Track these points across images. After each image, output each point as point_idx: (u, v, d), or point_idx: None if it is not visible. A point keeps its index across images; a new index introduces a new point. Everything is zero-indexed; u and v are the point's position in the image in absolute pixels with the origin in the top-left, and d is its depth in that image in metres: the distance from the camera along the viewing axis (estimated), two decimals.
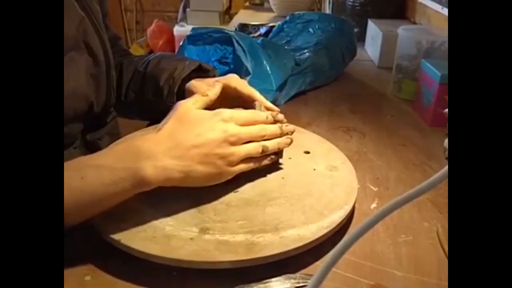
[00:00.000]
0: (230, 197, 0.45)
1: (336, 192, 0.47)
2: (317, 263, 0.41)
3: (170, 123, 0.43)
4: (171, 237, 0.39)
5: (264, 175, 0.49)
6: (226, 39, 0.78)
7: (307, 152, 0.55)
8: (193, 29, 0.81)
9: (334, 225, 0.42)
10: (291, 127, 0.50)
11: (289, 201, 0.45)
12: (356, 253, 0.42)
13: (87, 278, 0.38)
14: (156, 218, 0.42)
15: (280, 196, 0.46)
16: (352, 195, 0.47)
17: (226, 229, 0.41)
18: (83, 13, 0.51)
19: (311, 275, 0.39)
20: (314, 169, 0.51)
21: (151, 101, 0.63)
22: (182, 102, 0.45)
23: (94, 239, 0.41)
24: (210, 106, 0.48)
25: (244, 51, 0.73)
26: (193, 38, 0.79)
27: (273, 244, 0.39)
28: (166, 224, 0.41)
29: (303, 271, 0.40)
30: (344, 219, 0.43)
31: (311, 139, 0.59)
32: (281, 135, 0.48)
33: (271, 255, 0.38)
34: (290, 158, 0.53)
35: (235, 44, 0.74)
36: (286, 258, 0.39)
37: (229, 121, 0.43)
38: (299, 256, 0.40)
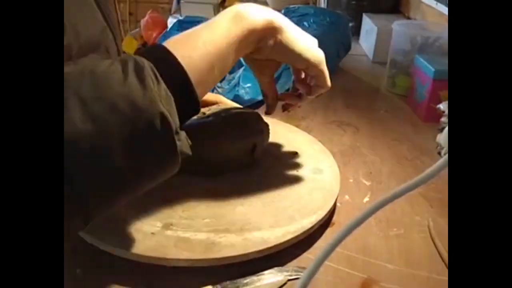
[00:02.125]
0: (204, 194, 0.45)
1: (314, 196, 0.45)
2: (310, 256, 0.41)
3: None
4: (134, 230, 0.39)
5: (246, 174, 0.48)
6: None
7: (295, 153, 0.54)
8: (186, 17, 0.80)
9: (301, 231, 0.40)
10: None
11: (263, 202, 0.44)
12: (348, 246, 0.42)
13: (78, 271, 0.38)
14: (125, 211, 0.41)
15: (253, 196, 0.45)
16: (329, 201, 0.45)
17: (190, 226, 0.40)
18: (104, 23, 0.50)
19: (304, 268, 0.39)
20: (297, 171, 0.50)
21: None
22: None
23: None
24: None
25: None
26: (184, 25, 0.77)
27: (234, 245, 0.38)
28: (132, 217, 0.40)
29: (292, 259, 0.40)
30: (315, 225, 0.42)
31: (303, 139, 0.58)
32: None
33: (228, 257, 0.37)
34: (276, 157, 0.52)
35: None
36: (279, 251, 0.39)
37: None
38: (288, 248, 0.40)
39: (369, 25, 1.09)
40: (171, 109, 0.31)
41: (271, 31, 0.40)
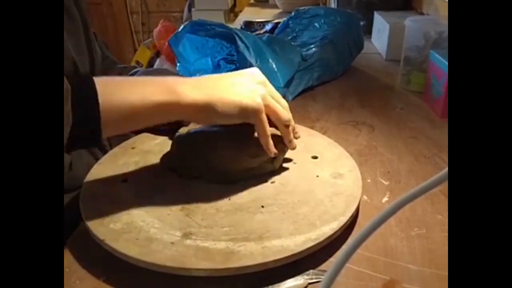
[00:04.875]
0: (222, 202, 0.44)
1: (335, 201, 0.44)
2: (331, 259, 0.41)
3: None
4: (153, 240, 0.39)
5: (265, 180, 0.48)
6: (228, 35, 0.76)
7: (315, 157, 0.53)
8: (199, 19, 0.80)
9: (322, 238, 0.39)
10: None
11: (282, 209, 0.43)
12: (369, 247, 0.41)
13: (103, 279, 0.38)
14: (144, 220, 0.41)
15: (274, 203, 0.44)
16: (351, 206, 0.43)
17: (209, 235, 0.39)
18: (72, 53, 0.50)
19: (324, 271, 0.39)
20: (318, 176, 0.49)
21: None
22: None
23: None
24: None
25: (247, 47, 0.72)
26: (196, 27, 0.76)
27: (253, 254, 0.37)
28: (152, 227, 0.40)
29: (313, 262, 0.40)
30: (338, 231, 0.40)
31: (323, 143, 0.57)
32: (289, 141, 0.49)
33: (247, 266, 0.36)
34: (295, 163, 0.51)
35: (238, 41, 0.73)
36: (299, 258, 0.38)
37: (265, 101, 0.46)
38: (312, 253, 0.39)
39: (381, 23, 1.08)
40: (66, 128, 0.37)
41: (203, 112, 0.44)
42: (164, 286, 0.38)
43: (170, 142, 0.52)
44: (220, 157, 0.47)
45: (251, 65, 0.72)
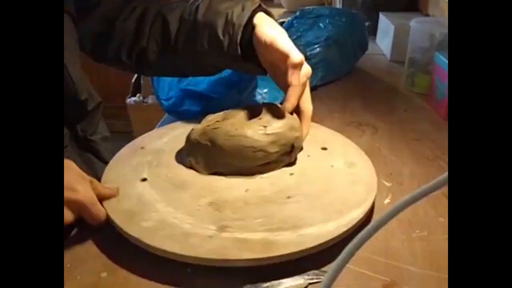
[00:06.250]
0: (247, 195, 0.45)
1: (354, 189, 0.46)
2: (327, 257, 0.41)
3: None
4: (190, 235, 0.40)
5: (283, 172, 0.49)
6: None
7: (324, 148, 0.54)
8: None
9: (353, 223, 0.41)
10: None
11: (307, 198, 0.45)
12: (370, 249, 0.41)
13: (104, 275, 0.39)
14: (175, 216, 0.42)
15: (297, 194, 0.46)
16: (371, 192, 0.46)
17: (245, 227, 0.41)
18: None
19: (325, 272, 0.39)
20: (332, 166, 0.51)
21: (207, 53, 0.55)
22: None
23: (109, 237, 0.42)
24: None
25: None
26: None
27: (291, 242, 0.39)
28: (185, 222, 0.41)
29: (313, 262, 0.40)
30: (364, 217, 0.43)
31: (326, 134, 0.59)
32: None
33: (288, 254, 0.38)
34: (308, 155, 0.53)
35: None
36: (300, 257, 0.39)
37: None
38: (313, 253, 0.39)
39: (385, 23, 1.08)
40: None
41: None
42: (164, 283, 0.38)
43: (179, 140, 0.53)
44: (238, 152, 0.48)
45: None
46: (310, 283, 0.38)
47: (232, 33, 0.52)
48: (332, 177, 0.49)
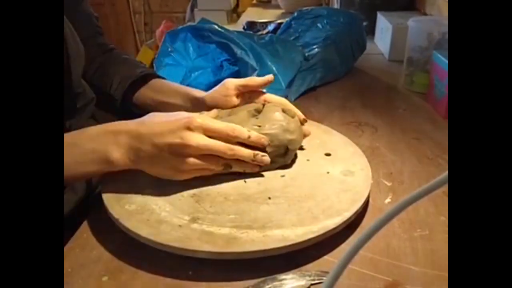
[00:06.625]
0: (232, 191, 0.46)
1: (341, 197, 0.45)
2: (329, 258, 0.41)
3: (146, 116, 0.46)
4: (163, 222, 0.41)
5: (275, 174, 0.49)
6: (224, 44, 0.75)
7: (328, 154, 0.54)
8: (201, 19, 0.80)
9: (323, 231, 0.40)
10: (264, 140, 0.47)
11: (288, 201, 0.44)
12: (372, 248, 0.41)
13: (105, 279, 0.38)
14: (157, 203, 0.44)
15: (281, 196, 0.45)
16: (357, 203, 0.44)
17: (215, 220, 0.41)
18: None
19: (327, 272, 0.39)
20: (328, 172, 0.49)
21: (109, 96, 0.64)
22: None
23: (111, 241, 0.42)
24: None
25: (245, 52, 0.72)
26: (194, 32, 0.76)
27: (254, 241, 0.39)
28: (163, 210, 0.43)
29: (314, 263, 0.40)
30: (339, 226, 0.41)
31: (338, 141, 0.57)
32: (252, 160, 0.46)
33: (248, 252, 0.38)
34: (308, 159, 0.52)
35: (234, 48, 0.73)
36: (297, 252, 0.39)
37: (195, 130, 0.43)
38: (310, 250, 0.40)
39: (383, 23, 1.08)
40: None
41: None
42: (165, 267, 0.39)
43: None
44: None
45: (252, 68, 0.72)
46: (312, 284, 0.38)
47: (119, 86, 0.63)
48: (323, 183, 0.47)
